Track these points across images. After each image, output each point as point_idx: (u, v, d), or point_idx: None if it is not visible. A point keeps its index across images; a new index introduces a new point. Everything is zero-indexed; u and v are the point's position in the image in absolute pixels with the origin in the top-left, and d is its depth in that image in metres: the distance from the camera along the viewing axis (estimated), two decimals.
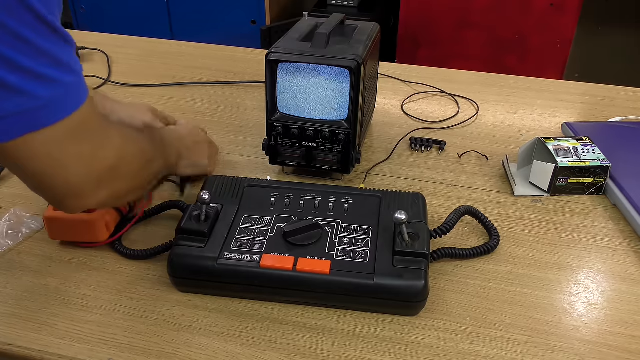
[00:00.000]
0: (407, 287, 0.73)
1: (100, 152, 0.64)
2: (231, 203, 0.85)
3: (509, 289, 0.80)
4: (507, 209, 0.96)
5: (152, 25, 2.73)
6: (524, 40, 2.39)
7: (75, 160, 0.62)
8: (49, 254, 0.85)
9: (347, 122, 0.94)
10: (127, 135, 0.72)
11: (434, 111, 1.26)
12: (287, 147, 0.98)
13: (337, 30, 0.99)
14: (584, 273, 0.84)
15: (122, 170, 0.68)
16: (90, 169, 0.63)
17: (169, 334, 0.73)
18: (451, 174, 1.05)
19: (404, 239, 0.77)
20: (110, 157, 0.66)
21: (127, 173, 0.70)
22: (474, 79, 1.41)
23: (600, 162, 0.97)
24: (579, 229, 0.92)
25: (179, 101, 1.28)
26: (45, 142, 0.59)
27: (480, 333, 0.74)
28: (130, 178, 0.71)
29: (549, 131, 1.20)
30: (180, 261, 0.77)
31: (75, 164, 0.62)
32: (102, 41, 1.55)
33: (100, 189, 0.65)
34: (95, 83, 1.34)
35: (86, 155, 0.63)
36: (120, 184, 0.69)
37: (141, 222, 0.91)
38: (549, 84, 1.40)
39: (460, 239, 0.89)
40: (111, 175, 0.66)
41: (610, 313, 0.77)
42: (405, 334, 0.73)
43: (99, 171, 0.64)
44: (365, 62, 0.92)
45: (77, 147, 0.61)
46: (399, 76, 1.39)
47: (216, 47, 1.56)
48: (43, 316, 0.74)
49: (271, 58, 0.92)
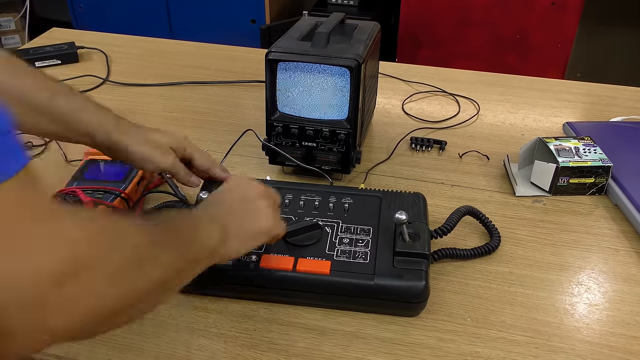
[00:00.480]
0: (407, 287, 0.73)
1: (36, 257, 0.40)
2: None
3: (509, 289, 0.80)
4: (508, 209, 0.96)
5: (151, 24, 2.72)
6: (526, 39, 2.39)
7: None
8: None
9: (347, 121, 0.94)
10: (101, 225, 0.48)
11: (434, 111, 1.26)
12: (286, 147, 0.98)
13: (337, 29, 0.99)
14: (586, 274, 0.84)
15: (83, 279, 0.43)
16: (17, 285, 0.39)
17: (168, 334, 0.73)
18: (452, 174, 1.05)
19: (405, 239, 0.77)
20: (54, 262, 0.41)
21: (96, 281, 0.44)
22: (475, 79, 1.41)
23: (602, 162, 0.97)
24: (581, 229, 0.92)
25: (178, 101, 1.28)
26: None
27: (481, 334, 0.74)
28: (105, 286, 0.45)
29: (550, 131, 1.20)
30: None
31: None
32: (101, 40, 1.55)
33: (47, 313, 0.40)
34: (93, 82, 1.34)
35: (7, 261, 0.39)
36: (87, 299, 0.43)
37: None
38: (551, 84, 1.40)
39: (461, 239, 0.89)
40: (61, 291, 0.41)
41: (611, 314, 0.77)
42: (406, 335, 0.73)
43: (35, 287, 0.39)
44: (366, 62, 0.92)
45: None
46: (400, 75, 1.39)
47: (215, 47, 1.56)
48: None
49: (271, 57, 0.92)
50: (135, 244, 0.51)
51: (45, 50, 1.43)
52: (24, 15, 3.05)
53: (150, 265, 0.52)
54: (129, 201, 0.90)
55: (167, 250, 0.55)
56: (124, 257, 0.48)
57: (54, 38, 1.55)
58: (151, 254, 0.52)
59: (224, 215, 0.68)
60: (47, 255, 0.40)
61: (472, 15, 2.40)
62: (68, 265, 0.41)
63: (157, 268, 0.53)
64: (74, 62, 1.44)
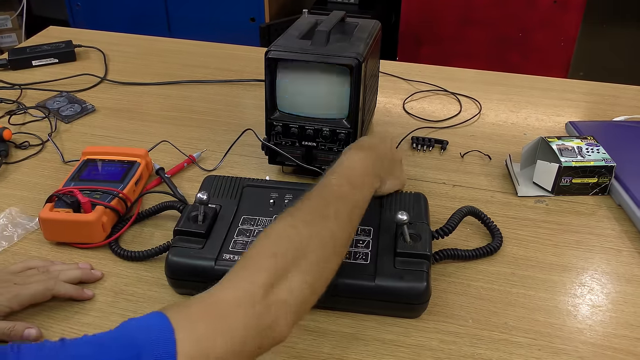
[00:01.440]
0: (408, 288, 0.73)
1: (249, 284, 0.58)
2: (230, 203, 0.85)
3: (512, 290, 0.80)
4: (510, 209, 0.96)
5: (149, 22, 2.72)
6: (528, 37, 2.39)
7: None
8: (44, 255, 0.85)
9: (348, 121, 0.94)
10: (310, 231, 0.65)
11: (435, 110, 1.26)
12: (286, 146, 0.98)
13: (337, 27, 0.99)
14: (588, 274, 0.84)
15: (284, 283, 0.59)
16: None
17: None
18: (453, 174, 1.05)
19: (406, 239, 0.77)
20: (260, 282, 0.58)
21: (294, 280, 0.60)
22: (477, 77, 1.41)
23: (605, 161, 0.97)
24: (583, 229, 0.92)
25: (176, 100, 1.28)
26: None
27: (483, 335, 0.74)
28: (302, 280, 0.61)
29: (553, 130, 1.20)
30: (178, 262, 0.77)
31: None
32: (98, 39, 1.55)
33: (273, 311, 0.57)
34: (91, 81, 1.34)
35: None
36: (293, 295, 0.60)
37: (138, 223, 0.91)
38: (553, 83, 1.40)
39: (463, 239, 0.89)
40: (273, 296, 0.58)
41: (615, 315, 0.77)
42: (407, 337, 0.73)
43: (258, 299, 0.57)
44: (366, 60, 0.92)
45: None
46: (400, 74, 1.39)
47: (214, 45, 1.56)
48: (38, 318, 0.74)
49: (270, 56, 0.92)
50: (307, 234, 0.64)
51: (42, 48, 1.43)
52: (21, 14, 3.05)
53: (332, 243, 0.66)
54: (127, 201, 0.90)
55: (339, 219, 0.68)
56: (307, 253, 0.63)
57: (51, 36, 1.55)
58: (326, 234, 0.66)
59: (380, 166, 0.82)
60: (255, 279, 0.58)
61: (473, 13, 2.40)
62: (269, 279, 0.58)
63: (337, 242, 0.67)
64: (72, 61, 1.44)
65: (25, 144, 1.10)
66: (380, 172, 0.82)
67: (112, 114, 1.22)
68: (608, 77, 1.54)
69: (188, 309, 0.55)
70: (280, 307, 0.58)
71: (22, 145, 1.10)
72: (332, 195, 0.71)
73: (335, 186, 0.72)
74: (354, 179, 0.74)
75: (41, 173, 1.03)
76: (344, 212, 0.69)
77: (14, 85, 1.31)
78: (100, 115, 1.22)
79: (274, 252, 0.61)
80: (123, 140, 1.13)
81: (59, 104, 1.23)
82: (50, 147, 1.10)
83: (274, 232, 0.65)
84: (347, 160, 0.78)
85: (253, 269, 0.60)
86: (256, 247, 0.63)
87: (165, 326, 0.52)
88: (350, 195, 0.72)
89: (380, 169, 0.82)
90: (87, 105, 1.23)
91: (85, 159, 0.97)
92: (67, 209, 0.85)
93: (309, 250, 0.62)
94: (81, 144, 1.10)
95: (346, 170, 0.76)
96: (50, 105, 1.23)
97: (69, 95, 1.27)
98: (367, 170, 0.78)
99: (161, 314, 0.53)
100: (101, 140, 1.13)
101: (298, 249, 0.62)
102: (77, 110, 1.21)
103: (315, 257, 0.63)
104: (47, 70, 1.40)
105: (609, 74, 2.17)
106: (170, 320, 0.52)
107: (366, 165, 0.78)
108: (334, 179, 0.73)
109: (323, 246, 0.65)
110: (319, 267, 0.64)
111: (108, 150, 0.99)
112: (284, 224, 0.65)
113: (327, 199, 0.70)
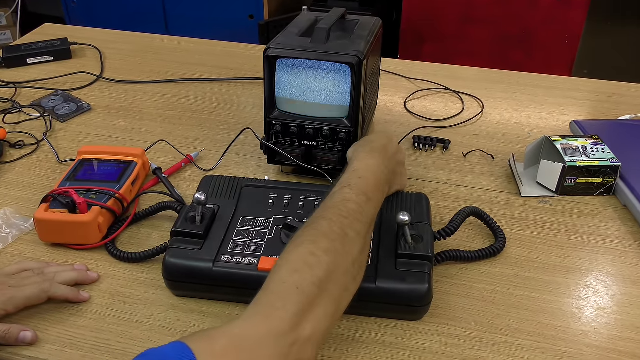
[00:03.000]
0: (410, 290, 0.73)
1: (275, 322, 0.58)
2: (228, 204, 0.85)
3: (515, 292, 0.80)
4: (514, 209, 0.96)
5: (146, 19, 2.72)
6: (531, 35, 2.39)
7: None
8: (39, 256, 0.85)
9: (348, 120, 0.94)
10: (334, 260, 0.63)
11: (438, 109, 1.26)
12: (286, 146, 0.98)
13: (337, 25, 0.99)
14: (593, 276, 0.84)
15: (310, 317, 0.59)
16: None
17: (164, 339, 0.73)
18: (456, 174, 1.05)
19: (407, 240, 0.77)
20: (286, 322, 0.57)
21: (317, 313, 0.60)
22: (479, 76, 1.41)
23: (610, 161, 0.97)
24: (588, 230, 0.92)
25: (174, 98, 1.28)
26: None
27: (486, 338, 0.74)
28: (324, 311, 0.61)
29: (557, 129, 1.19)
30: (176, 264, 0.76)
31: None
32: (94, 36, 1.55)
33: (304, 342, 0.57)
34: (87, 80, 1.34)
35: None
36: (318, 324, 0.60)
37: (135, 224, 0.91)
38: (557, 81, 1.40)
39: (465, 241, 0.89)
40: (301, 330, 0.58)
41: (620, 318, 0.77)
42: (408, 340, 0.73)
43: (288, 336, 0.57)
44: (367, 58, 0.92)
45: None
46: (402, 72, 1.39)
47: (213, 43, 1.56)
48: (33, 321, 0.74)
49: (269, 54, 0.92)
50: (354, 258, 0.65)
51: (38, 46, 1.43)
52: (15, 11, 3.05)
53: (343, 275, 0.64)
54: (124, 202, 0.90)
55: (356, 240, 0.67)
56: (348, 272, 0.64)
57: (46, 34, 1.55)
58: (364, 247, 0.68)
59: (389, 171, 0.82)
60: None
61: (476, 11, 2.40)
62: (295, 316, 0.57)
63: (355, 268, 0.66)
64: (67, 59, 1.44)
65: (20, 144, 1.10)
66: (389, 176, 0.82)
67: (109, 113, 1.22)
68: (613, 75, 1.54)
69: (212, 343, 0.54)
70: (306, 344, 0.57)
71: (16, 145, 1.10)
72: (350, 213, 0.68)
73: (352, 202, 0.70)
74: (368, 190, 0.73)
75: (36, 173, 1.03)
76: (362, 230, 0.68)
77: (8, 83, 1.31)
78: (97, 114, 1.22)
79: (298, 285, 0.59)
80: (119, 140, 1.13)
81: (55, 102, 1.23)
82: (46, 146, 1.10)
83: (294, 260, 0.63)
84: (361, 170, 0.76)
85: (278, 304, 0.58)
86: (278, 279, 0.61)
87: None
88: (366, 209, 0.71)
89: (389, 174, 0.82)
90: (83, 103, 1.23)
91: (81, 159, 0.97)
92: (62, 209, 0.85)
93: (331, 280, 0.61)
94: (77, 144, 1.10)
95: (360, 181, 0.74)
96: (45, 104, 1.23)
97: (64, 93, 1.27)
98: (380, 179, 0.77)
99: (184, 346, 0.52)
100: (97, 139, 1.13)
101: (322, 280, 0.61)
102: (73, 109, 1.21)
103: (338, 287, 0.62)
104: (42, 69, 1.40)
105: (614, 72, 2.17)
106: (194, 354, 0.51)
107: (378, 174, 0.77)
108: (349, 192, 0.71)
109: (345, 274, 0.64)
110: (341, 296, 0.63)
111: (104, 150, 0.99)
112: (305, 250, 0.63)
113: (345, 216, 0.68)
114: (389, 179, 0.82)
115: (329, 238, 0.65)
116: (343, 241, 0.65)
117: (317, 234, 0.65)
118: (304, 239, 0.65)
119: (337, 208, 0.69)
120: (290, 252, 0.64)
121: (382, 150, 0.83)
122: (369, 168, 0.77)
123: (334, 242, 0.64)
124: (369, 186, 0.74)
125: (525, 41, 2.41)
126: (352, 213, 0.69)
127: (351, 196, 0.71)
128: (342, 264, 0.64)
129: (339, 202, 0.70)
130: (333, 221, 0.66)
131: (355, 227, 0.67)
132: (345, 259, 0.64)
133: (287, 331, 0.56)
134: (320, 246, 0.63)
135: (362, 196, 0.71)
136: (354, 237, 0.66)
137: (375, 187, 0.75)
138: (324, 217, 0.68)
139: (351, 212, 0.69)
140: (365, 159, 0.79)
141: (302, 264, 0.62)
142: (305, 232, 0.66)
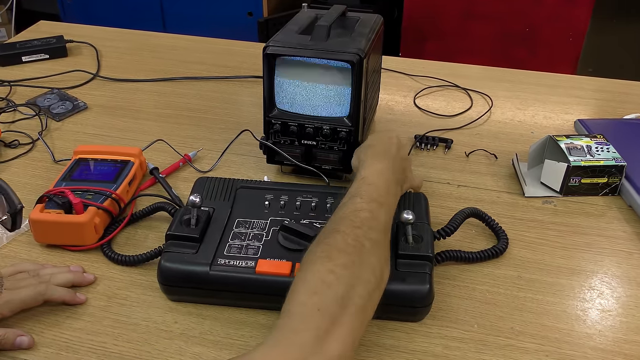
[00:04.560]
0: (410, 291, 0.73)
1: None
2: (223, 206, 0.85)
3: (518, 294, 0.80)
4: (517, 210, 0.96)
5: (143, 17, 2.73)
6: (535, 33, 2.39)
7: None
8: (34, 257, 0.85)
9: (349, 119, 0.94)
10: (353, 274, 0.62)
11: (440, 107, 1.26)
12: (285, 145, 0.98)
13: (338, 22, 0.99)
14: (598, 278, 0.84)
15: (333, 336, 0.57)
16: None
17: (161, 342, 0.73)
18: (458, 174, 1.05)
19: (408, 240, 0.77)
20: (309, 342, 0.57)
21: (339, 333, 0.58)
22: (482, 74, 1.41)
23: (615, 161, 0.97)
24: (593, 231, 0.92)
25: (171, 97, 1.28)
26: None
27: (489, 341, 0.74)
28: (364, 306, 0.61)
29: (561, 128, 1.20)
30: (171, 268, 0.76)
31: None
32: (90, 34, 1.55)
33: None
34: (83, 78, 1.34)
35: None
36: (343, 343, 0.58)
37: (131, 224, 0.91)
38: (561, 79, 1.40)
39: (468, 241, 0.89)
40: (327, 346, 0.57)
41: (625, 320, 0.77)
42: (409, 342, 0.73)
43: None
44: (368, 56, 0.92)
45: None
46: (403, 70, 1.39)
47: (211, 41, 1.56)
48: (29, 323, 0.74)
49: (269, 52, 0.92)
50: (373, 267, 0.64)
51: (33, 44, 1.43)
52: (10, 8, 3.05)
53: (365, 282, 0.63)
54: (120, 202, 0.90)
55: (376, 250, 0.66)
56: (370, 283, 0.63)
57: (41, 31, 1.56)
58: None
59: (398, 172, 0.82)
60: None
61: (478, 7, 2.40)
62: (318, 340, 0.56)
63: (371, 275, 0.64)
64: (63, 57, 1.44)
65: (15, 143, 1.10)
66: (399, 176, 0.82)
67: (105, 112, 1.22)
68: (618, 73, 1.54)
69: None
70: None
71: (11, 144, 1.10)
72: (364, 222, 0.68)
73: (364, 211, 0.69)
74: (380, 196, 0.73)
75: (31, 173, 1.03)
76: (378, 237, 0.68)
77: (3, 82, 1.31)
78: (93, 113, 1.22)
79: (319, 307, 0.58)
80: (116, 139, 1.13)
81: (50, 101, 1.24)
82: (41, 146, 1.10)
83: (311, 279, 0.61)
84: (369, 176, 0.76)
85: (300, 328, 0.57)
86: (298, 302, 0.60)
87: None
88: (380, 215, 0.70)
89: (398, 174, 0.82)
90: (78, 102, 1.23)
91: (77, 158, 0.97)
92: (58, 210, 0.85)
93: (353, 294, 0.60)
94: (73, 143, 1.10)
95: (370, 188, 0.74)
96: (40, 102, 1.23)
97: (60, 92, 1.27)
98: (389, 182, 0.77)
99: None
100: (93, 138, 1.13)
101: (343, 297, 0.59)
102: (69, 108, 1.21)
103: (361, 299, 0.61)
104: (37, 67, 1.40)
105: (619, 71, 2.17)
106: None
107: (388, 177, 0.77)
108: (359, 202, 0.71)
109: (366, 284, 0.62)
110: (365, 306, 0.62)
111: (101, 149, 0.99)
112: (321, 268, 0.62)
113: (359, 226, 0.67)
114: (399, 179, 0.81)
115: (344, 252, 0.64)
116: (360, 253, 0.64)
117: (332, 249, 0.64)
118: (319, 255, 0.64)
119: (348, 219, 0.68)
120: (306, 271, 0.63)
121: (385, 152, 0.83)
122: (377, 173, 0.77)
123: (351, 255, 0.63)
124: (379, 192, 0.74)
125: (529, 38, 2.41)
126: (366, 222, 0.68)
127: (362, 205, 0.70)
128: (362, 276, 0.62)
129: (350, 212, 0.69)
130: (347, 233, 0.66)
131: (371, 236, 0.67)
132: (365, 270, 0.63)
133: (311, 356, 0.55)
134: (337, 262, 0.62)
135: (374, 203, 0.71)
136: (370, 246, 0.65)
137: (386, 191, 0.75)
138: (337, 230, 0.67)
139: (364, 221, 0.68)
140: (372, 165, 0.78)
141: (320, 283, 0.61)
142: (319, 247, 0.65)
